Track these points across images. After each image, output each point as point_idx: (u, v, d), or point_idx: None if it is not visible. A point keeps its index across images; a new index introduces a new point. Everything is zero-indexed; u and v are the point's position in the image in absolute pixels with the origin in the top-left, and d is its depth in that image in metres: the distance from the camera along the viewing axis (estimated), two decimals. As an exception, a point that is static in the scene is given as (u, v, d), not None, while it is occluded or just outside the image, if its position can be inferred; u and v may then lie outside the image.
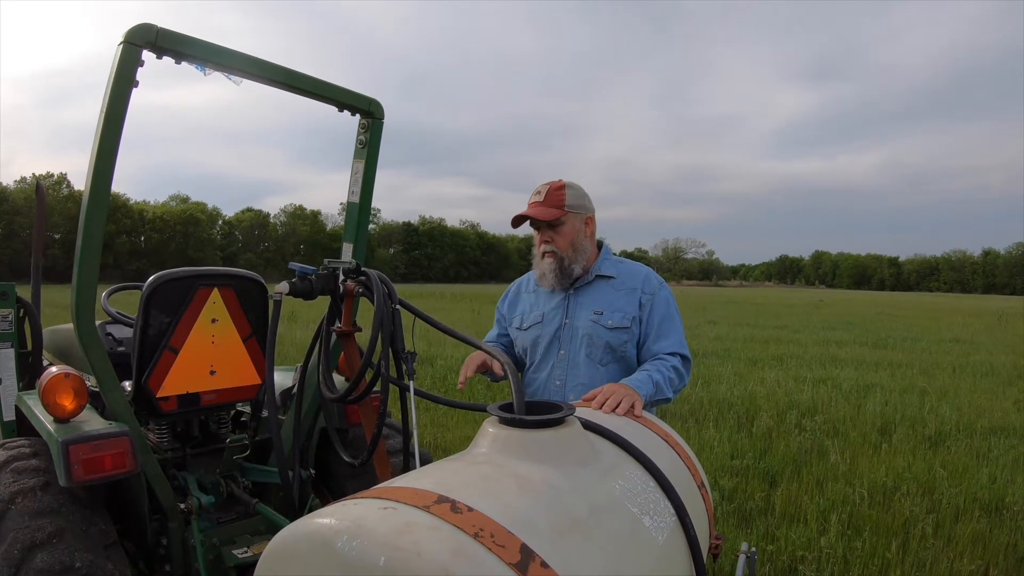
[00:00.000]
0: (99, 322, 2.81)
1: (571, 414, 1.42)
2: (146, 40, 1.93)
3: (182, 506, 2.40)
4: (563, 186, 2.32)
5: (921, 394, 8.79)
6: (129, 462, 2.07)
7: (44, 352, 3.24)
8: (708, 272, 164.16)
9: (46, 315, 3.50)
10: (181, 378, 2.47)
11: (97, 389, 2.18)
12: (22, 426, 2.63)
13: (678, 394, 2.27)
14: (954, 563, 3.65)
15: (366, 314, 2.06)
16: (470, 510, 1.07)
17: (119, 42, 1.93)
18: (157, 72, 2.04)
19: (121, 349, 3.08)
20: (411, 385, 1.90)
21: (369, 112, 2.59)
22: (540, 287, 2.46)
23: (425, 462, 1.68)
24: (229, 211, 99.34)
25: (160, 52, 1.97)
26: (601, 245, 2.47)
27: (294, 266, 2.13)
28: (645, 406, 1.95)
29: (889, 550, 3.75)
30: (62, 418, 2.10)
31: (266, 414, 2.85)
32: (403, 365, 1.96)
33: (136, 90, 1.96)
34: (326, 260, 2.20)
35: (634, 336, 2.30)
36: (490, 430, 1.40)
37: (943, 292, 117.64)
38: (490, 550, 1.00)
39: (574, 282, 2.38)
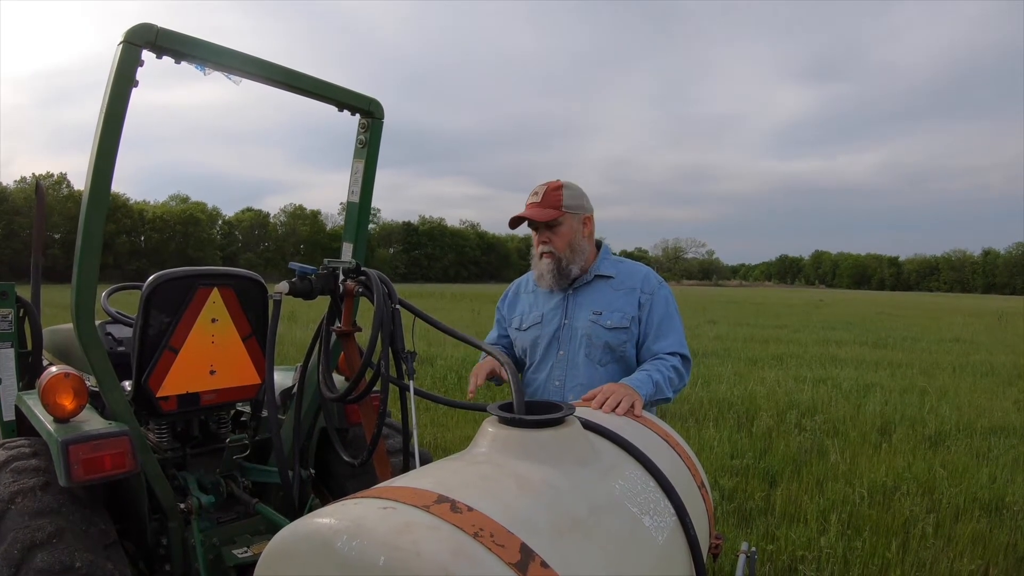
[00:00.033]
0: (99, 322, 2.81)
1: (571, 414, 1.42)
2: (146, 40, 1.93)
3: (182, 506, 2.40)
4: (560, 186, 2.31)
5: (921, 394, 8.79)
6: (129, 462, 2.07)
7: (44, 352, 3.24)
8: (708, 272, 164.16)
9: (46, 315, 3.50)
10: (181, 378, 2.47)
11: (97, 389, 2.18)
12: (22, 426, 2.63)
13: (678, 394, 2.26)
14: (954, 563, 3.65)
15: (366, 314, 2.06)
16: (470, 510, 1.07)
17: (119, 42, 1.93)
18: (157, 72, 2.04)
19: (121, 349, 3.08)
20: (411, 385, 1.90)
21: (369, 112, 2.59)
22: (539, 287, 2.46)
23: (425, 462, 1.68)
24: (229, 211, 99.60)
25: (160, 52, 1.97)
26: (600, 245, 2.47)
27: (294, 266, 2.13)
28: (645, 406, 1.95)
29: (889, 550, 3.75)
30: (62, 418, 2.10)
31: (266, 414, 2.85)
32: (403, 365, 1.96)
33: (136, 90, 1.96)
34: (326, 260, 2.20)
35: (633, 336, 2.29)
36: (490, 430, 1.40)
37: (943, 292, 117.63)
38: (490, 550, 1.00)
39: (573, 282, 2.38)
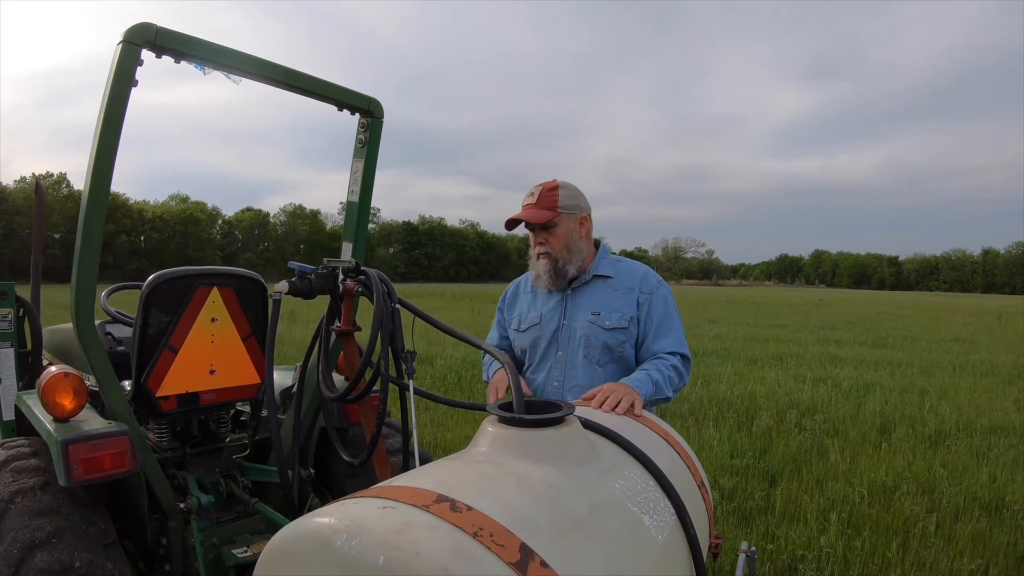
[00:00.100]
0: (99, 321, 2.81)
1: (571, 413, 1.42)
2: (145, 39, 1.93)
3: (182, 505, 2.40)
4: (556, 187, 2.31)
5: (921, 393, 8.79)
6: (128, 461, 2.06)
7: (44, 352, 3.24)
8: (708, 271, 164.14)
9: (46, 315, 3.50)
10: (180, 377, 2.47)
11: (97, 388, 2.18)
12: (22, 426, 2.63)
13: (678, 393, 2.26)
14: (954, 562, 3.65)
15: (366, 313, 2.06)
16: (469, 509, 1.07)
17: (118, 41, 1.92)
18: (157, 71, 2.04)
19: (121, 348, 3.08)
20: (411, 384, 1.90)
21: (368, 111, 2.59)
22: (537, 288, 2.45)
23: (425, 461, 1.68)
24: (229, 211, 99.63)
25: (159, 51, 1.97)
26: (599, 244, 2.46)
27: (293, 265, 2.13)
28: (645, 405, 1.95)
29: (889, 549, 3.75)
30: (61, 417, 2.10)
31: (266, 413, 2.84)
32: (403, 364, 1.96)
33: (135, 89, 1.96)
34: (325, 259, 2.20)
35: (632, 336, 2.29)
36: (490, 429, 1.39)
37: (943, 291, 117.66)
38: (489, 549, 1.00)
39: (571, 282, 2.37)
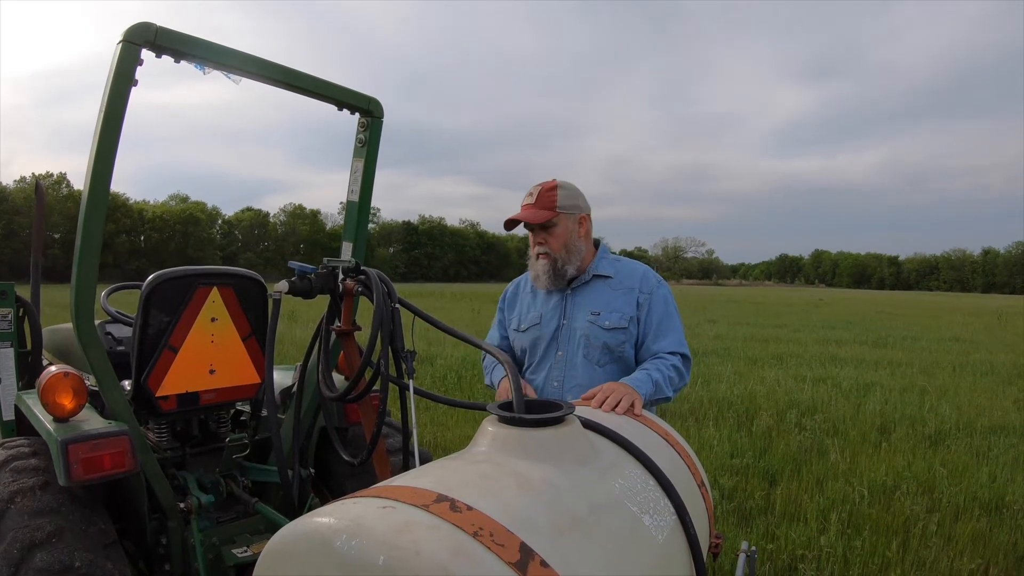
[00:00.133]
0: (98, 321, 2.80)
1: (571, 413, 1.42)
2: (145, 39, 1.92)
3: (181, 505, 2.40)
4: (555, 187, 2.30)
5: (921, 393, 8.79)
6: (128, 461, 2.06)
7: (44, 351, 3.24)
8: (708, 271, 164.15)
9: (46, 315, 3.50)
10: (180, 377, 2.47)
11: (96, 388, 2.18)
12: (21, 425, 2.63)
13: (678, 393, 2.26)
14: (954, 562, 3.65)
15: (366, 313, 2.06)
16: (469, 509, 1.07)
17: (118, 41, 1.92)
18: (156, 71, 2.03)
19: (120, 348, 3.08)
20: (411, 384, 1.90)
21: (368, 111, 2.59)
22: (536, 288, 2.45)
23: (425, 461, 1.68)
24: (229, 210, 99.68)
25: (159, 51, 1.97)
26: (598, 244, 2.46)
27: (293, 265, 2.13)
28: (645, 405, 1.94)
29: (889, 549, 3.75)
30: (61, 417, 2.10)
31: (266, 413, 2.84)
32: (403, 364, 1.96)
33: (135, 89, 1.96)
34: (325, 259, 2.20)
35: (632, 336, 2.29)
36: (490, 429, 1.39)
37: (943, 291, 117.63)
38: (489, 549, 1.00)
39: (571, 282, 2.37)
